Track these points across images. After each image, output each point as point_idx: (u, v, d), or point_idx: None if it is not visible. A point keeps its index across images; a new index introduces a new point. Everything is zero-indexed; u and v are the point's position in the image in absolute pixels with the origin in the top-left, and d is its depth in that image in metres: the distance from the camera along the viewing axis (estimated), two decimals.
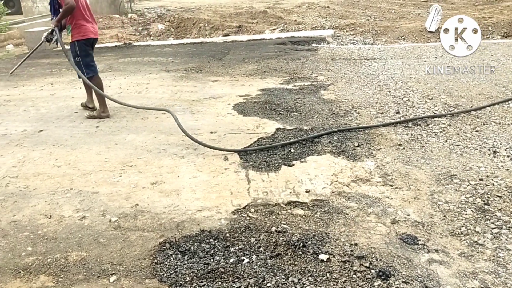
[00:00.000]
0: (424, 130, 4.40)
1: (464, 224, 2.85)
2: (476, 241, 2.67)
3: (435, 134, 4.27)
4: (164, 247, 2.71)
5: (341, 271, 2.42)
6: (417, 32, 9.45)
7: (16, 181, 3.68)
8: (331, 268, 2.44)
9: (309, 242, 2.66)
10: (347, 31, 10.37)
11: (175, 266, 2.53)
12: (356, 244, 2.63)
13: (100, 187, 3.50)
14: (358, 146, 4.05)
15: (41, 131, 4.84)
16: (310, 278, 2.37)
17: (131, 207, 3.19)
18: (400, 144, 4.07)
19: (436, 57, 7.46)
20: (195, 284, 2.38)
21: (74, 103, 5.80)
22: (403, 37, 9.33)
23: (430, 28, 9.37)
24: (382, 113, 4.92)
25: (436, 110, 4.90)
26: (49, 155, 4.16)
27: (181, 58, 8.41)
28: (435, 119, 4.65)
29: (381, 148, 4.01)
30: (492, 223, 2.83)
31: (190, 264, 2.54)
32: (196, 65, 7.70)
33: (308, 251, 2.59)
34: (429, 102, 5.17)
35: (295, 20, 11.87)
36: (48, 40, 5.09)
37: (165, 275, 2.47)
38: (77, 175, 3.72)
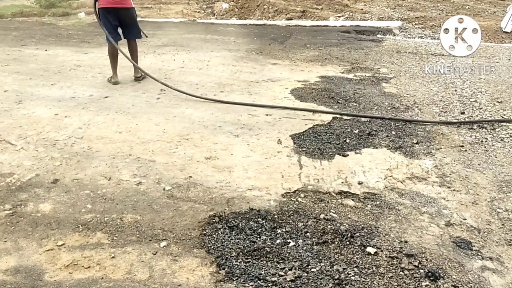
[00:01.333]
0: (489, 133, 4.18)
1: None
2: None
3: (501, 139, 4.05)
4: (213, 220, 2.78)
5: (388, 266, 2.38)
6: (491, 31, 8.92)
7: (80, 142, 3.89)
8: (378, 262, 2.40)
9: (357, 234, 2.63)
10: (415, 24, 9.97)
11: (223, 240, 2.60)
12: (406, 242, 2.57)
13: (157, 156, 3.62)
14: (417, 143, 3.92)
15: (106, 97, 5.06)
16: (355, 269, 2.35)
17: (185, 178, 3.28)
18: (462, 146, 3.90)
19: (509, 59, 7.03)
20: (241, 260, 2.43)
21: None
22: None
23: (505, 28, 8.81)
24: (446, 112, 4.73)
25: (504, 114, 4.64)
26: (112, 120, 4.35)
27: (243, 39, 8.45)
28: (502, 123, 4.41)
29: (441, 148, 3.86)
30: None
31: (237, 240, 2.59)
32: (257, 47, 7.71)
33: (356, 242, 2.56)
34: (498, 105, 4.90)
35: (362, 9, 11.55)
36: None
37: (212, 247, 2.54)
38: (136, 143, 3.88)
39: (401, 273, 2.33)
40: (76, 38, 8.81)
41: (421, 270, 2.34)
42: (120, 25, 5.54)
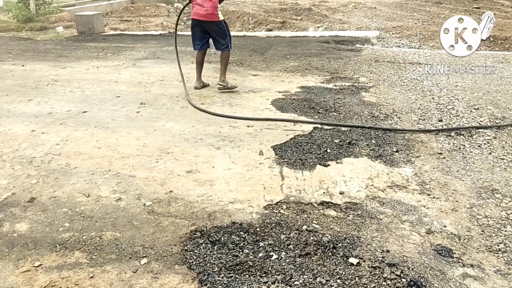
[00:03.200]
0: (467, 140, 4.25)
1: (503, 240, 2.74)
2: None
3: (479, 146, 4.12)
4: (195, 235, 2.74)
5: (371, 276, 2.38)
6: None
7: (58, 158, 3.82)
8: (360, 273, 2.40)
9: (340, 244, 2.63)
10: (393, 33, 10.13)
11: (205, 255, 2.56)
12: (388, 251, 2.58)
13: (137, 171, 3.58)
14: (396, 151, 3.96)
15: (84, 112, 5.00)
16: (338, 280, 2.35)
17: (166, 193, 3.25)
18: (440, 153, 3.95)
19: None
20: (223, 275, 2.40)
21: (117, 87, 5.95)
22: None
23: (481, 36, 9.02)
24: (424, 119, 4.79)
25: (481, 121, 4.73)
26: (90, 136, 4.29)
27: None
28: (479, 130, 4.49)
29: (420, 156, 3.90)
30: None
31: (219, 255, 2.57)
32: (237, 58, 7.72)
33: (338, 253, 2.56)
34: (475, 112, 4.99)
35: (340, 19, 11.70)
36: None
37: (194, 262, 2.50)
38: (116, 158, 3.82)
39: (383, 283, 2.33)
40: (54, 52, 8.70)
41: (403, 280, 2.34)
42: (210, 36, 5.80)
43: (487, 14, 8.87)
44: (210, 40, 5.89)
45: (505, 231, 2.84)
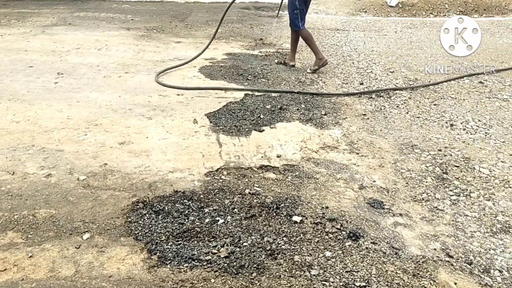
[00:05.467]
0: (386, 101, 4.56)
1: (425, 191, 3.03)
2: (436, 207, 2.86)
3: (397, 106, 4.45)
4: (137, 207, 2.69)
5: (314, 232, 2.52)
6: (378, 5, 9.60)
7: None
8: (304, 229, 2.53)
9: (282, 205, 2.74)
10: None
11: (150, 225, 2.53)
12: (327, 207, 2.74)
13: (65, 145, 3.38)
14: (325, 114, 4.14)
15: None
16: (284, 238, 2.45)
17: (100, 166, 3.11)
18: (364, 114, 4.20)
19: (395, 32, 7.67)
20: (171, 243, 2.40)
21: (28, 56, 5.47)
22: (364, 10, 9.45)
23: (390, 2, 9.53)
24: (347, 83, 5.04)
25: (397, 83, 5.08)
26: (5, 109, 3.94)
27: (141, 17, 8.09)
28: (396, 91, 4.83)
29: (347, 117, 4.12)
30: (451, 190, 3.03)
31: (165, 224, 2.55)
32: (157, 25, 7.44)
33: (282, 213, 2.66)
34: (391, 75, 5.34)
35: None
36: None
37: (140, 233, 2.46)
38: (38, 132, 3.56)
39: (326, 237, 2.48)
40: None
41: (343, 232, 2.52)
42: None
43: None
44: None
45: (426, 182, 3.14)
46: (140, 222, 2.56)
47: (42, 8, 8.66)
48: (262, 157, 3.32)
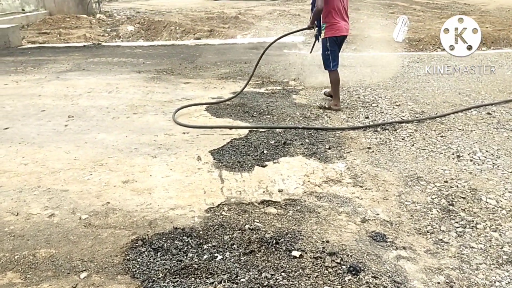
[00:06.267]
0: (392, 134, 4.54)
1: (430, 223, 2.96)
2: (441, 239, 2.78)
3: (403, 139, 4.42)
4: (137, 244, 2.68)
5: (313, 266, 2.46)
6: (385, 42, 9.72)
7: None
8: (303, 264, 2.48)
9: (282, 240, 2.70)
10: None
11: (148, 263, 2.52)
12: (327, 241, 2.69)
13: (70, 185, 3.43)
14: (329, 148, 4.14)
15: (6, 128, 4.69)
16: (283, 273, 2.41)
17: (102, 205, 3.14)
18: (369, 147, 4.18)
19: (402, 66, 7.72)
20: (168, 280, 2.38)
21: (41, 101, 5.66)
22: (371, 47, 9.58)
23: (397, 38, 9.62)
24: (352, 117, 5.05)
25: (403, 116, 5.07)
26: (15, 152, 4.05)
27: (152, 60, 8.34)
28: (402, 124, 4.81)
29: (351, 151, 4.11)
30: (457, 222, 2.95)
31: (163, 261, 2.53)
32: (167, 67, 7.65)
33: (281, 248, 2.62)
34: (397, 108, 5.34)
35: (267, 26, 11.99)
36: (316, 37, 5.45)
37: (137, 271, 2.45)
38: (45, 173, 3.64)
39: (325, 271, 2.42)
40: None
41: (343, 266, 2.46)
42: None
43: (402, 18, 9.51)
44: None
45: (431, 214, 3.07)
46: (139, 259, 2.55)
47: (58, 55, 9.01)
48: (263, 192, 3.31)
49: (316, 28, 5.31)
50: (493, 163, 3.82)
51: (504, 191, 3.33)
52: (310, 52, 6.34)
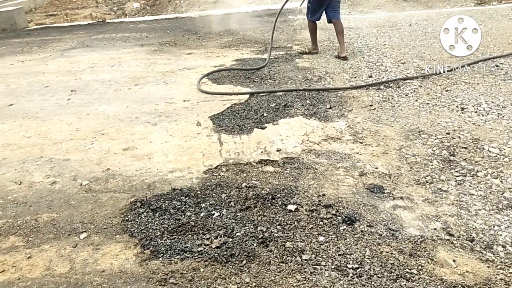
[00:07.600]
0: (395, 91, 4.45)
1: (429, 173, 2.93)
2: (440, 188, 2.75)
3: (406, 95, 4.33)
4: (135, 206, 2.72)
5: (308, 219, 2.47)
6: (392, 2, 9.46)
7: None
8: (298, 217, 2.49)
9: (278, 195, 2.70)
10: None
11: (146, 223, 2.55)
12: (324, 195, 2.68)
13: (71, 155, 3.48)
14: (330, 108, 4.09)
15: (10, 105, 4.75)
16: (278, 226, 2.42)
17: (103, 171, 3.18)
18: (371, 105, 4.12)
19: (410, 25, 7.51)
20: (166, 238, 2.41)
21: (45, 78, 5.70)
22: (378, 7, 9.33)
23: None
24: (355, 77, 4.96)
25: (408, 73, 4.96)
26: (19, 126, 4.11)
27: (156, 33, 8.29)
28: (406, 81, 4.71)
29: (352, 110, 4.05)
30: (457, 171, 2.91)
31: (161, 220, 2.57)
32: (170, 39, 7.60)
33: (277, 203, 2.63)
34: (402, 66, 5.22)
35: None
36: None
37: (135, 230, 2.49)
38: (48, 144, 3.69)
39: (320, 223, 2.43)
40: None
41: (339, 217, 2.46)
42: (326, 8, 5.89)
43: None
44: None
45: (432, 165, 3.03)
46: (137, 220, 2.59)
47: (63, 35, 9.02)
48: (262, 152, 3.30)
49: None
50: (498, 113, 3.73)
51: (508, 140, 3.25)
52: (300, 6, 6.49)
